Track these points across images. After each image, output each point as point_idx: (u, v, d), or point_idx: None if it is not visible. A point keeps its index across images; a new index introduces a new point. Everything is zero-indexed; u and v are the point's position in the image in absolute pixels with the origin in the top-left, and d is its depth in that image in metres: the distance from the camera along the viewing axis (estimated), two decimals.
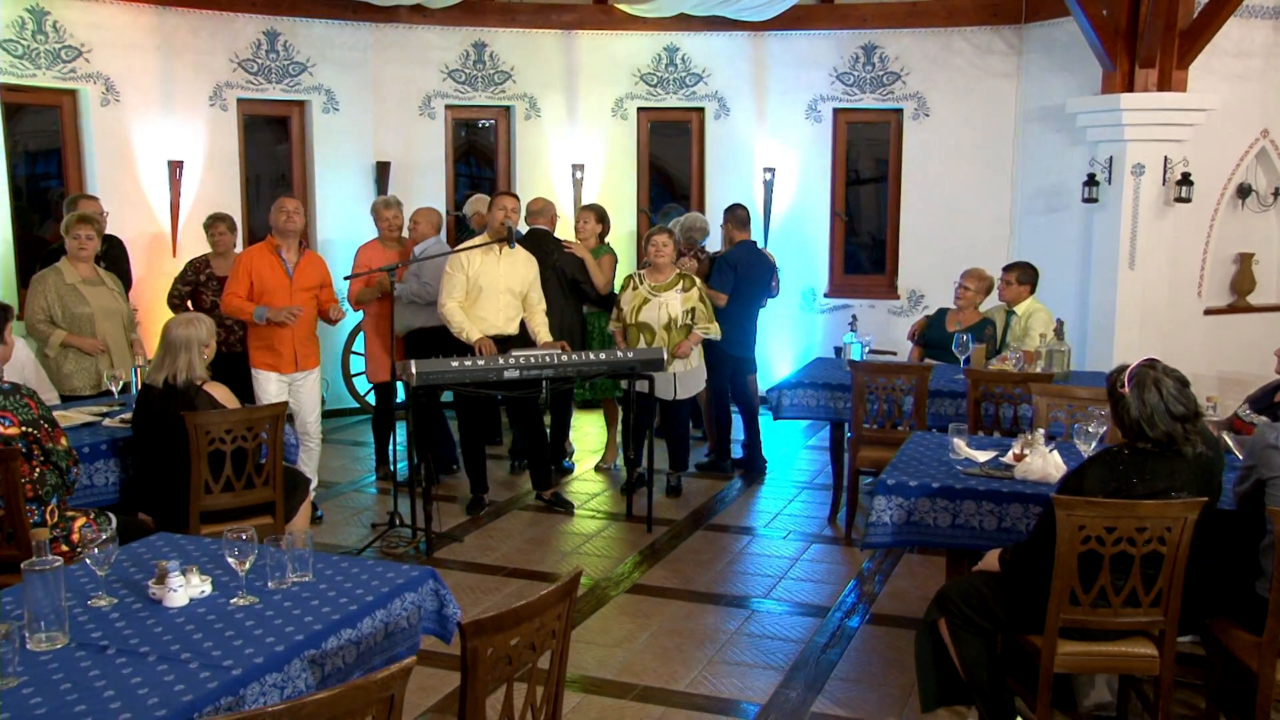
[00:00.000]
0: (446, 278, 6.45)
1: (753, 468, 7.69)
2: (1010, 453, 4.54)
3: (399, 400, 7.27)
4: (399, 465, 7.15)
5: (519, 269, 6.57)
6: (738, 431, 7.97)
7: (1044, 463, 4.28)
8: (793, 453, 8.39)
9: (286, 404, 4.98)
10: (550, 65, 9.69)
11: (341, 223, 9.20)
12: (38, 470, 4.14)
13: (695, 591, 5.54)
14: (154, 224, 8.50)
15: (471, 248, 6.45)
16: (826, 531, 6.51)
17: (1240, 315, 8.97)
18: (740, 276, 7.34)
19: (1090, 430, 4.38)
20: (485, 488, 6.85)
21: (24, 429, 4.10)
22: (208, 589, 3.07)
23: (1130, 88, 8.07)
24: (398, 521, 6.20)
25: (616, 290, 7.29)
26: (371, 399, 8.66)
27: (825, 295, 9.97)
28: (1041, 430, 4.64)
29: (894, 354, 8.97)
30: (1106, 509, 3.39)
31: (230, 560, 3.02)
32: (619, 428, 7.73)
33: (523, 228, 6.97)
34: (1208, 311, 8.79)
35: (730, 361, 7.45)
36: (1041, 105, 9.12)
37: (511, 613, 2.53)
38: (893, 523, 4.32)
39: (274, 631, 2.83)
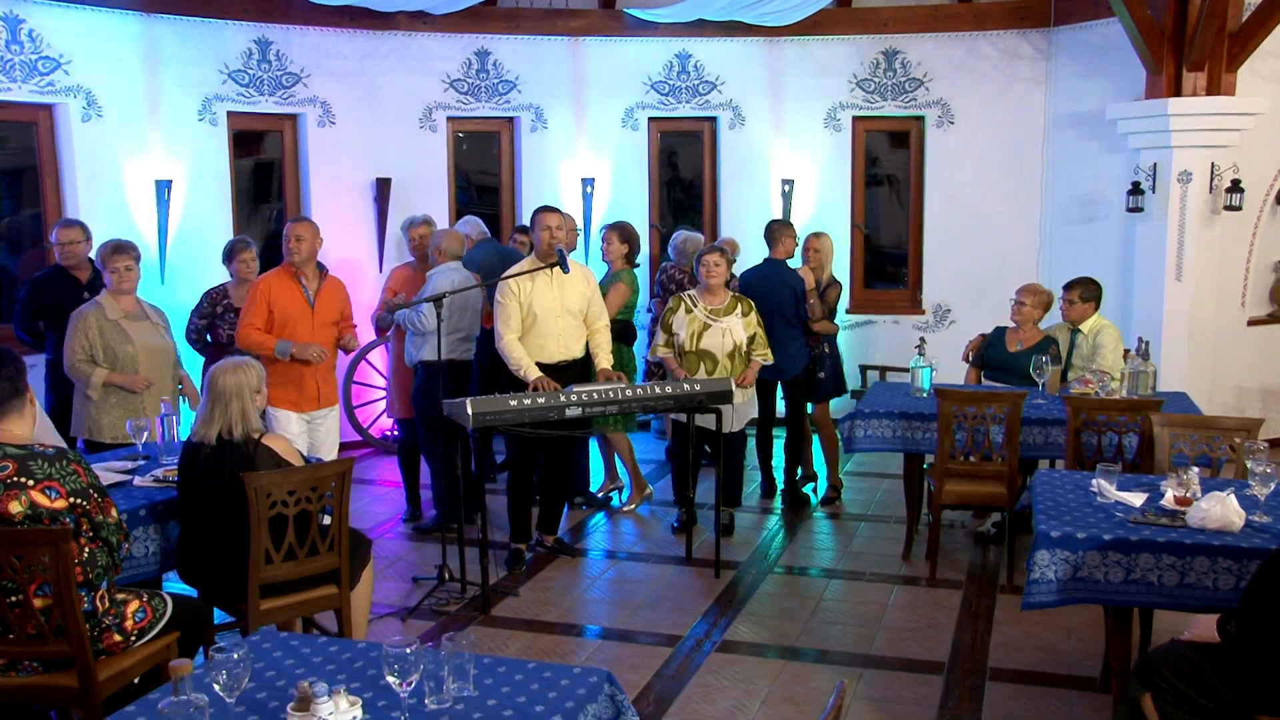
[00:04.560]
0: (500, 309, 5.87)
1: (789, 499, 7.30)
2: (1169, 495, 4.12)
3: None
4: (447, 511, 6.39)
5: (576, 286, 5.99)
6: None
7: (1223, 509, 3.85)
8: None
9: (353, 460, 4.40)
10: (557, 74, 9.15)
11: (340, 244, 8.57)
12: (87, 550, 3.55)
13: (791, 648, 5.05)
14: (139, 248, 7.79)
15: (520, 274, 5.90)
16: (904, 570, 6.06)
17: None
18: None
19: (1268, 471, 3.97)
20: (528, 537, 6.26)
21: (72, 500, 3.51)
22: (359, 714, 2.52)
23: (1177, 92, 7.76)
24: (447, 576, 5.66)
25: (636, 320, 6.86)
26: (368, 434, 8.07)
27: (847, 311, 9.55)
28: (1195, 470, 4.23)
29: None
30: None
31: (390, 680, 2.46)
32: (635, 463, 7.22)
33: None
34: (1251, 322, 8.51)
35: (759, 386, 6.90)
36: (1073, 111, 8.80)
37: None
38: (1058, 579, 3.87)
39: None
